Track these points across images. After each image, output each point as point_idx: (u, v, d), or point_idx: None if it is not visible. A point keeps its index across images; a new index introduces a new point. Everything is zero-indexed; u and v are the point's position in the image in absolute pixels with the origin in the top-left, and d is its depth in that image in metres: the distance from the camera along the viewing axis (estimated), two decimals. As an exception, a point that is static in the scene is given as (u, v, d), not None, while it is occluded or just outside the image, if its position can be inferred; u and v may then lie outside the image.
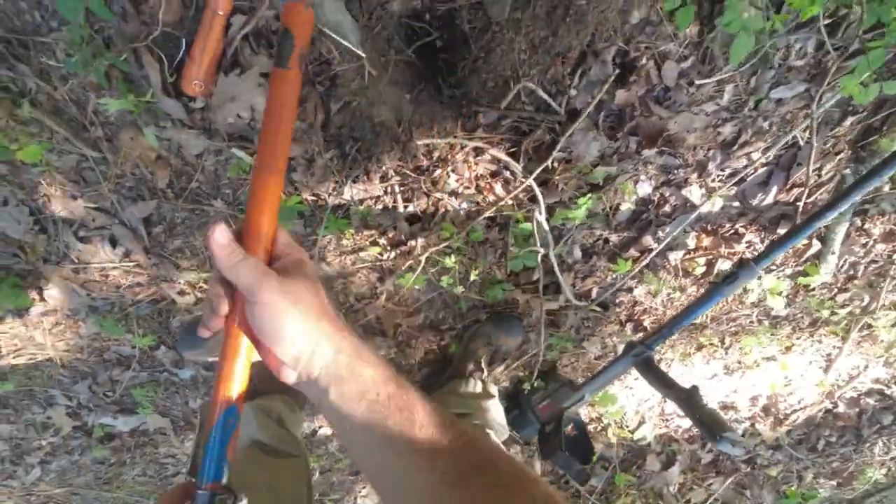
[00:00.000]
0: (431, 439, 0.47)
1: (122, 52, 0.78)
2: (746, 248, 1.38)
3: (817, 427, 2.17)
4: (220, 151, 0.96)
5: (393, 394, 0.47)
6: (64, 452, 1.44)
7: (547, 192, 1.07)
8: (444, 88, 0.97)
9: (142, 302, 1.16)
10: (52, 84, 0.84)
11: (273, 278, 0.47)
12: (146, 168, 0.95)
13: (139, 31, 0.80)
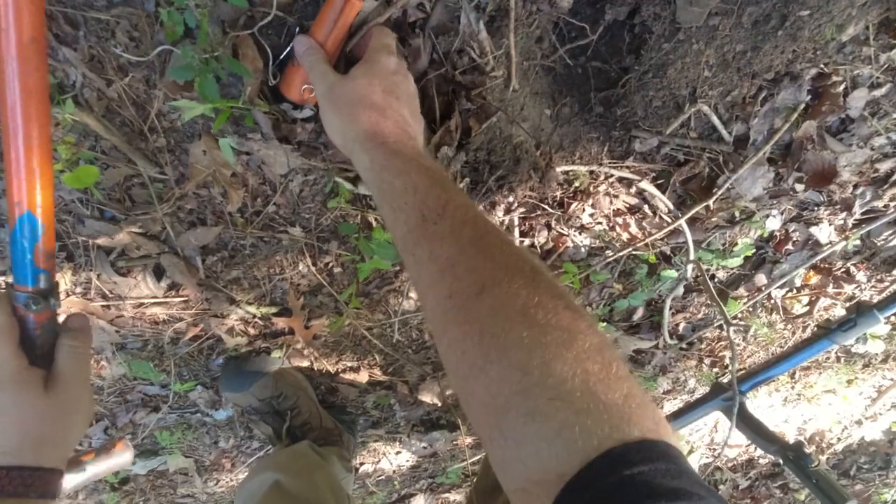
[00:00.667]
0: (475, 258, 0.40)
1: (218, 43, 0.56)
2: (854, 288, 1.26)
3: (852, 453, 2.13)
4: (309, 171, 0.74)
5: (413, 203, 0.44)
6: (66, 497, 1.22)
7: (693, 232, 0.90)
8: (594, 105, 0.78)
9: (182, 340, 0.94)
10: (104, 76, 0.60)
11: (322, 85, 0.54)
12: (216, 188, 0.73)
13: (239, 15, 0.57)
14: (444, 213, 0.42)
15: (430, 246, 0.42)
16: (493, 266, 0.39)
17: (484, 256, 0.40)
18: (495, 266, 0.39)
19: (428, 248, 0.42)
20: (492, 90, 0.69)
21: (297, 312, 0.95)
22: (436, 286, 0.40)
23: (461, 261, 0.40)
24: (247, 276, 0.89)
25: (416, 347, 1.12)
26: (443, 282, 0.40)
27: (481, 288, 0.37)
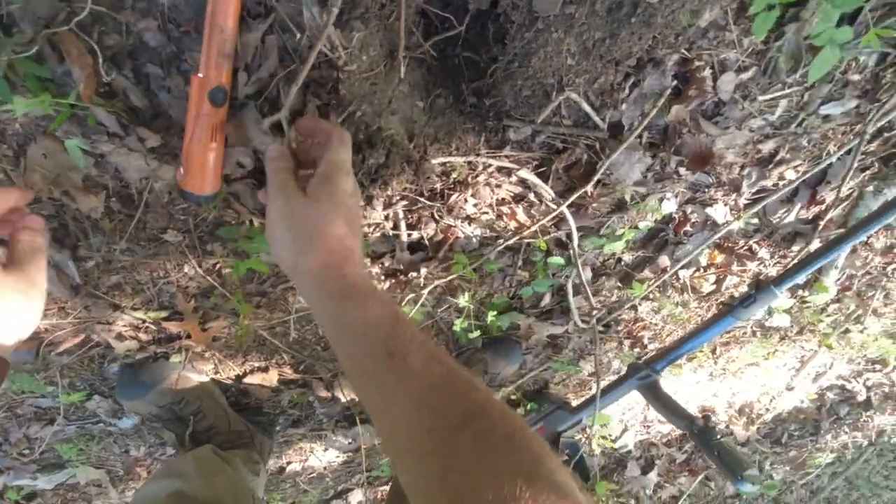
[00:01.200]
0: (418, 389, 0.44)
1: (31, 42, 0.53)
2: (758, 265, 1.30)
3: (783, 422, 2.22)
4: (174, 170, 0.72)
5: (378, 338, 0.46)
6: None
7: (577, 218, 0.91)
8: (467, 95, 0.78)
9: (68, 350, 0.91)
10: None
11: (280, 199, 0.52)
12: (66, 194, 0.70)
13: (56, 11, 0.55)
14: (411, 349, 0.44)
15: (399, 380, 0.44)
16: (469, 402, 0.42)
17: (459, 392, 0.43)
18: (469, 402, 0.42)
19: (397, 382, 0.44)
20: (349, 84, 0.67)
21: (189, 315, 0.93)
22: (412, 420, 0.43)
23: (435, 396, 0.43)
24: (128, 280, 0.86)
25: (325, 345, 1.11)
26: (420, 415, 0.42)
27: (462, 422, 0.41)
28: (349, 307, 0.48)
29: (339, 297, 0.49)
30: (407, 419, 0.43)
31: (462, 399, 0.42)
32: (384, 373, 0.45)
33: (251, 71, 0.65)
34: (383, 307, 0.48)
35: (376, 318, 0.47)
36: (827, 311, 1.57)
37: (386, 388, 0.45)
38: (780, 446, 2.27)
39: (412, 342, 0.45)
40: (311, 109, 0.67)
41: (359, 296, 0.48)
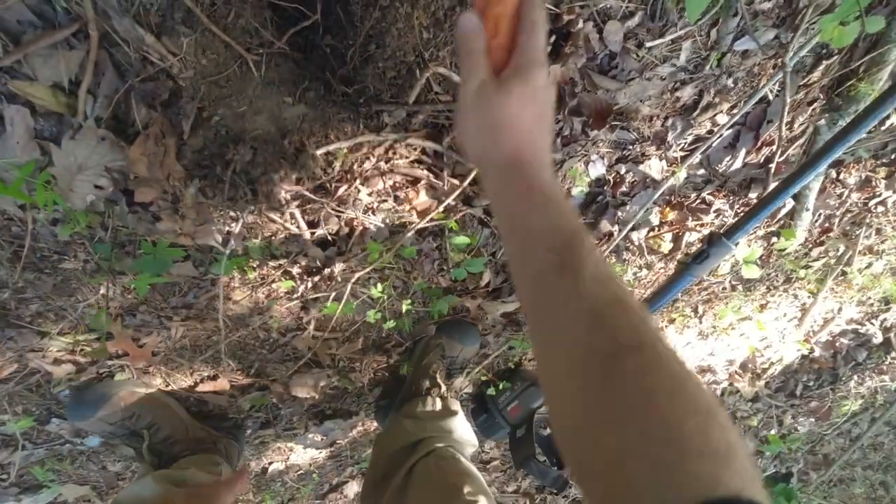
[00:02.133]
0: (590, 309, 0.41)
1: None
2: (716, 216, 1.23)
3: (795, 374, 2.13)
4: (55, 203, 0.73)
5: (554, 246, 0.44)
6: None
7: (483, 192, 0.89)
8: (335, 85, 0.76)
9: (8, 381, 0.95)
10: None
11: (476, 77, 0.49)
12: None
13: None
14: (587, 266, 0.42)
15: (568, 294, 0.41)
16: (644, 327, 0.39)
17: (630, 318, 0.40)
18: (646, 327, 0.39)
19: (566, 295, 0.42)
20: (192, 91, 0.67)
21: (119, 334, 0.95)
22: (576, 337, 0.40)
23: (605, 317, 0.40)
24: (49, 308, 0.89)
25: (270, 347, 1.12)
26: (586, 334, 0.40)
27: (628, 350, 0.38)
28: (530, 209, 0.46)
29: (522, 197, 0.47)
30: (571, 336, 0.41)
31: (630, 325, 0.39)
32: (554, 283, 0.42)
33: (94, 92, 0.65)
34: (564, 216, 0.45)
35: (555, 226, 0.45)
36: (811, 255, 1.48)
37: (554, 299, 0.42)
38: (796, 398, 2.18)
39: (588, 259, 0.42)
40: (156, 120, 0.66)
41: (542, 198, 0.46)
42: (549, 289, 0.43)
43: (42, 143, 0.66)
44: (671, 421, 0.34)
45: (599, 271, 0.42)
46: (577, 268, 0.42)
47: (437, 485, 0.98)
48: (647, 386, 0.36)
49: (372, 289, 0.94)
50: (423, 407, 1.20)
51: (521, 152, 0.49)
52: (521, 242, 0.46)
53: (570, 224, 0.45)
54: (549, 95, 0.51)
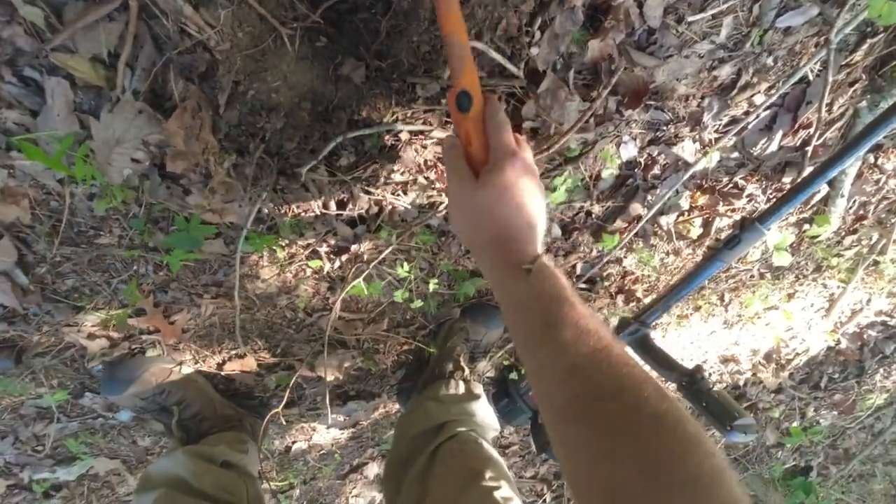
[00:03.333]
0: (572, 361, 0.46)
1: None
2: (748, 201, 1.21)
3: (820, 365, 2.10)
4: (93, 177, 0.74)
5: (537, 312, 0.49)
6: (9, 509, 1.29)
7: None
8: (369, 60, 0.75)
9: (43, 353, 0.97)
10: None
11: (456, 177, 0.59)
12: None
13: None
14: (566, 324, 0.47)
15: (552, 351, 0.47)
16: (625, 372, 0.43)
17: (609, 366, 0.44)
18: (626, 372, 0.43)
19: (551, 353, 0.47)
20: (229, 64, 0.66)
21: (151, 311, 0.97)
22: (562, 388, 0.45)
23: (585, 369, 0.45)
24: (84, 283, 0.90)
25: (297, 327, 1.13)
26: (568, 384, 0.45)
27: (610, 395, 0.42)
28: (514, 282, 0.53)
29: (506, 273, 0.54)
30: (558, 387, 0.46)
31: (612, 373, 0.44)
32: (540, 343, 0.48)
33: (133, 65, 0.66)
34: (545, 283, 0.51)
35: (537, 292, 0.50)
36: (843, 243, 1.44)
37: (541, 357, 0.48)
38: (820, 391, 2.14)
39: (568, 318, 0.47)
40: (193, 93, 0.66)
41: (522, 272, 0.52)
42: (536, 349, 0.48)
43: (81, 117, 0.67)
44: (660, 454, 0.37)
45: (581, 327, 0.47)
46: (558, 327, 0.47)
47: (459, 469, 0.98)
48: (630, 425, 0.40)
49: (398, 268, 0.93)
50: (446, 390, 1.20)
51: (500, 235, 0.56)
52: (512, 311, 0.53)
53: (553, 288, 0.50)
54: (525, 183, 0.57)
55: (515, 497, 0.89)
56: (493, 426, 1.23)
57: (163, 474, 0.97)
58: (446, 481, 0.96)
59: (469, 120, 0.58)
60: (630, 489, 0.37)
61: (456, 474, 0.97)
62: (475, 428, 1.14)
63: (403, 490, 1.02)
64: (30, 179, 0.73)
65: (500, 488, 0.89)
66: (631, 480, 0.38)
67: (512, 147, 0.58)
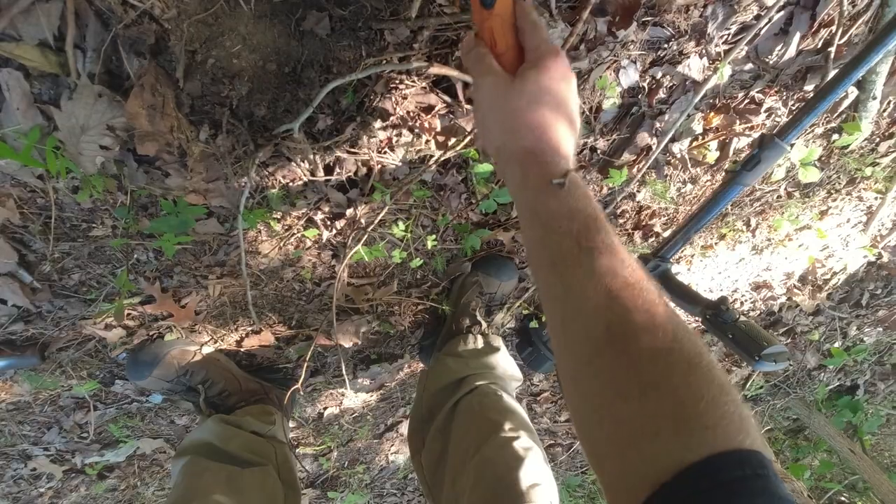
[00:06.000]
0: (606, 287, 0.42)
1: None
2: (767, 117, 1.12)
3: (860, 282, 2.00)
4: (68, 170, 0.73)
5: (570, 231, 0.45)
6: (69, 491, 1.37)
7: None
8: (331, 9, 0.70)
9: (65, 348, 1.00)
10: None
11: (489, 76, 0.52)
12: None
13: None
14: (602, 248, 0.44)
15: (588, 276, 0.43)
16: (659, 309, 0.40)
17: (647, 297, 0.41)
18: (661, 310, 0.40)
19: (585, 278, 0.43)
20: (179, 33, 0.63)
21: (159, 296, 0.98)
22: (595, 315, 0.41)
23: (621, 297, 0.41)
24: (89, 276, 0.91)
25: (307, 297, 1.12)
26: (601, 313, 0.41)
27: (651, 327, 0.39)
28: (549, 196, 0.48)
29: (541, 186, 0.48)
30: (585, 317, 0.42)
31: (646, 308, 0.40)
32: (572, 266, 0.44)
33: (82, 46, 0.63)
34: (582, 202, 0.47)
35: (573, 211, 0.46)
36: (878, 150, 1.34)
37: (570, 281, 0.44)
38: (861, 308, 2.06)
39: (604, 242, 0.44)
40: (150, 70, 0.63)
41: (555, 187, 0.48)
42: (566, 272, 0.44)
43: (42, 108, 0.65)
44: (686, 400, 0.35)
45: (616, 256, 0.43)
46: (593, 251, 0.43)
47: (478, 421, 0.98)
48: (662, 367, 0.37)
49: (394, 227, 0.91)
50: (464, 345, 1.19)
51: (539, 142, 0.50)
52: (541, 229, 0.47)
53: (587, 209, 0.46)
54: (566, 86, 0.52)
55: (535, 446, 0.88)
56: (516, 377, 1.22)
57: (191, 443, 1.00)
58: (466, 433, 0.97)
59: (495, 17, 0.52)
60: (657, 428, 0.35)
61: (475, 426, 0.97)
62: (496, 380, 1.14)
63: (426, 444, 1.04)
64: (10, 179, 0.72)
65: (520, 438, 0.88)
66: (662, 420, 0.35)
67: (555, 45, 0.52)
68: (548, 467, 0.89)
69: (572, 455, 2.14)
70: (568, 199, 0.46)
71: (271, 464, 1.02)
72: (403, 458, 1.87)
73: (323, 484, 1.76)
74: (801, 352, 2.22)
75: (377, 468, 1.87)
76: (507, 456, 0.85)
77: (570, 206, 0.46)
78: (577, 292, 0.43)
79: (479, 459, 0.86)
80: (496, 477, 0.81)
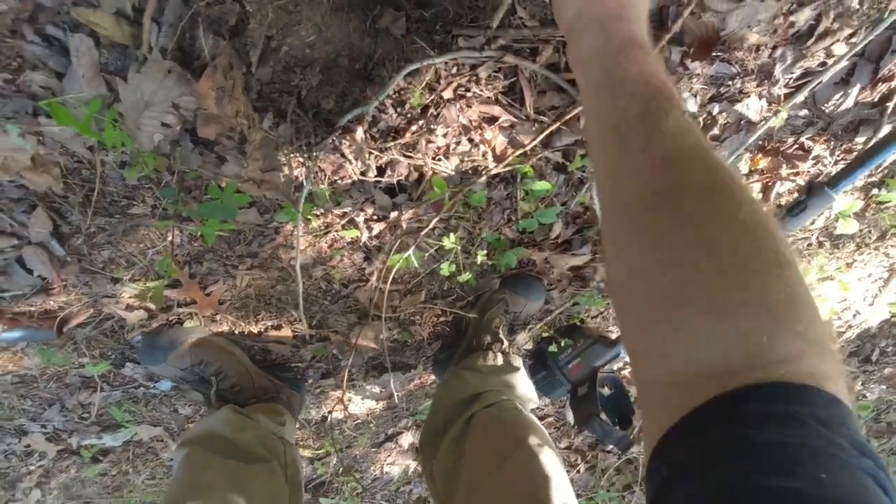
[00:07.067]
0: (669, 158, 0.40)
1: None
2: (813, 164, 1.11)
3: (872, 338, 2.00)
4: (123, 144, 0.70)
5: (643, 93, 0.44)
6: (59, 472, 1.33)
7: (564, 132, 0.81)
8: (410, 10, 0.69)
9: (83, 324, 0.96)
10: None
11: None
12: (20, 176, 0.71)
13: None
14: (671, 112, 0.42)
15: (652, 136, 0.42)
16: (717, 172, 0.39)
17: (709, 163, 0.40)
18: (718, 172, 0.39)
19: (648, 137, 0.42)
20: (260, 17, 0.61)
21: (187, 282, 0.95)
22: (654, 173, 0.40)
23: (683, 160, 0.40)
24: (120, 254, 0.89)
25: (332, 298, 1.10)
26: (662, 172, 0.40)
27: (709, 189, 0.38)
28: (628, 61, 0.47)
29: (622, 50, 0.47)
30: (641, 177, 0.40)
31: (707, 170, 0.39)
32: (636, 128, 0.43)
33: (159, 20, 0.61)
34: (656, 68, 0.46)
35: (647, 76, 0.45)
36: (914, 209, 1.33)
37: (632, 142, 0.42)
38: (870, 364, 2.05)
39: (672, 109, 0.43)
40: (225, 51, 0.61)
41: (641, 52, 0.48)
42: (628, 134, 0.43)
43: (108, 78, 0.63)
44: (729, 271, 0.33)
45: (682, 121, 0.42)
46: (661, 115, 0.42)
47: (498, 435, 0.96)
48: (711, 233, 0.35)
49: (444, 239, 0.89)
50: (484, 361, 1.17)
51: (621, 6, 0.49)
52: (609, 95, 0.46)
53: (660, 76, 0.45)
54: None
55: (559, 463, 0.86)
56: (533, 399, 1.20)
57: (200, 432, 0.97)
58: (483, 447, 0.95)
59: None
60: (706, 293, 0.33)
61: (495, 441, 0.95)
62: (514, 399, 1.11)
63: (440, 455, 1.01)
64: (59, 147, 0.70)
65: (545, 454, 0.86)
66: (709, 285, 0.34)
67: None
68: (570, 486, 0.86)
69: (568, 484, 2.10)
70: (645, 63, 0.46)
71: (279, 462, 0.98)
72: (398, 470, 1.83)
73: (315, 489, 1.72)
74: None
75: (370, 478, 1.83)
76: (534, 473, 0.83)
77: (644, 71, 0.45)
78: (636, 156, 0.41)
79: (504, 476, 0.84)
80: (527, 495, 0.79)
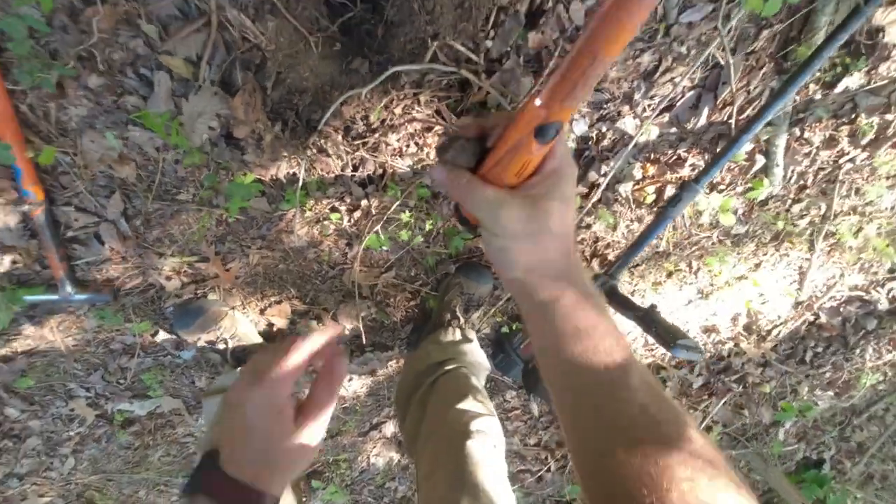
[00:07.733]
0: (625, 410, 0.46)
1: (67, 62, 0.87)
2: (691, 170, 1.45)
3: (802, 339, 2.25)
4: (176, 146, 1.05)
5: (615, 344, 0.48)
6: (92, 441, 1.58)
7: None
8: (371, 56, 1.06)
9: (133, 292, 1.27)
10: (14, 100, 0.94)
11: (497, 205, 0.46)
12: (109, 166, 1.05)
13: (79, 40, 0.89)
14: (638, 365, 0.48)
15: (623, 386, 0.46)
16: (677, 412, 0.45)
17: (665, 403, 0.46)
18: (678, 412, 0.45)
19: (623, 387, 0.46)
20: (274, 60, 0.97)
21: (212, 258, 1.27)
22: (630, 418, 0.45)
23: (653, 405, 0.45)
24: (166, 234, 1.21)
25: (322, 278, 1.41)
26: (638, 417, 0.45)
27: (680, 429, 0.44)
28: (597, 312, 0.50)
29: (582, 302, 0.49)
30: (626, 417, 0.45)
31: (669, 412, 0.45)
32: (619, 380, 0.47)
33: (210, 62, 0.97)
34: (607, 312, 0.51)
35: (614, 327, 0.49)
36: (792, 211, 1.66)
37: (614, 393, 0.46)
38: (806, 365, 2.29)
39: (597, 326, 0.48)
40: (249, 80, 0.97)
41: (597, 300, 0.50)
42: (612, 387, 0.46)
43: (175, 100, 0.98)
44: None
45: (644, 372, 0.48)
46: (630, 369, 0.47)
47: (449, 394, 1.24)
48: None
49: (402, 215, 1.21)
50: (444, 336, 1.46)
51: (572, 254, 0.49)
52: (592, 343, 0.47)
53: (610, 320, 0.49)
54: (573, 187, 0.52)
55: (493, 416, 1.14)
56: (484, 366, 1.47)
57: (217, 387, 1.25)
58: (438, 403, 1.22)
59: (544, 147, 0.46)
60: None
61: (447, 398, 1.22)
62: (467, 365, 1.40)
63: (409, 413, 1.28)
64: (137, 148, 1.05)
65: (478, 406, 1.14)
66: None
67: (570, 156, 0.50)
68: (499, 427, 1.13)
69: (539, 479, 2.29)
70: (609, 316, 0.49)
71: None
72: (383, 462, 2.04)
73: (308, 475, 1.93)
74: (755, 404, 2.41)
75: (358, 469, 2.04)
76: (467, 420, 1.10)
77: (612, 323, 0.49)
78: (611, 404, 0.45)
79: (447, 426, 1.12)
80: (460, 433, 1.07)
